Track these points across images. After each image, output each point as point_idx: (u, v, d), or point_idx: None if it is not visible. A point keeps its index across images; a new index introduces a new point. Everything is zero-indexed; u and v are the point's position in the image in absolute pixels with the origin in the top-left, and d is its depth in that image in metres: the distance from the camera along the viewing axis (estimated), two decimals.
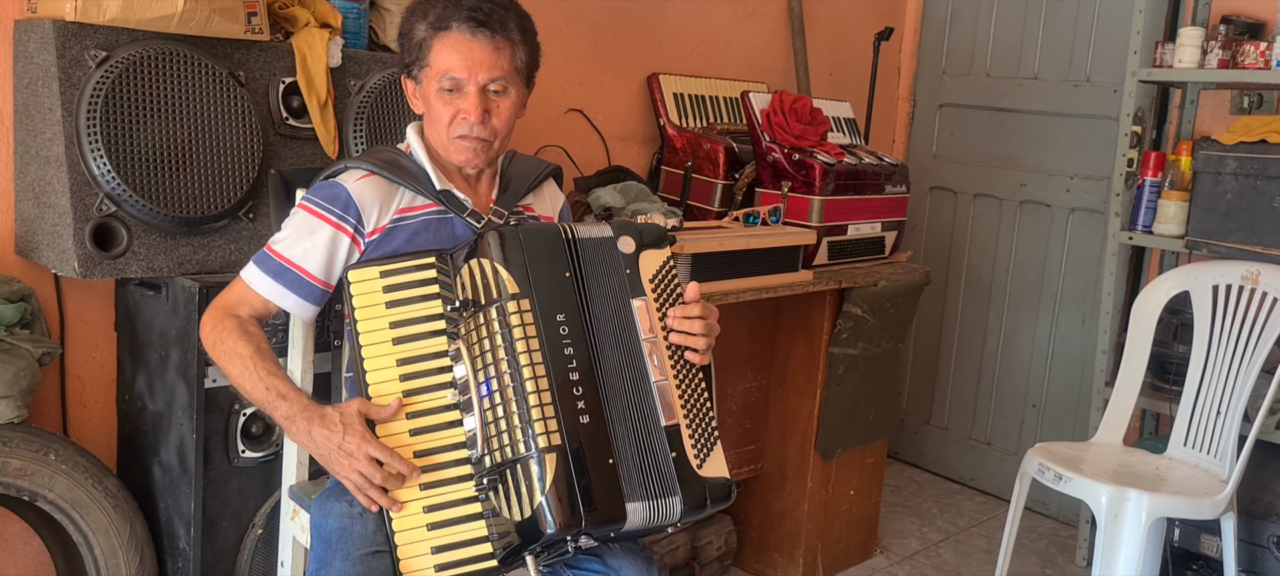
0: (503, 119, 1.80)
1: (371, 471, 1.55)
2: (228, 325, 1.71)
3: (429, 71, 1.78)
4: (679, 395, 1.69)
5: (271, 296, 1.77)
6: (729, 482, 1.68)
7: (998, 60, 4.10)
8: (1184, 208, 3.17)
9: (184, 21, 2.11)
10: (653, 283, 1.74)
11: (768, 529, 3.26)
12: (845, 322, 3.06)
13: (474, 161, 1.82)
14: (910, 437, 4.42)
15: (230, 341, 1.70)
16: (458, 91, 1.77)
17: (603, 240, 1.73)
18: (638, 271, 1.73)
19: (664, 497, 1.62)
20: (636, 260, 1.74)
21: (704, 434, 1.69)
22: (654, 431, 1.65)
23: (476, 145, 1.80)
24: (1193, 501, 2.65)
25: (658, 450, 1.64)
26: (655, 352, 1.69)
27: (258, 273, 1.77)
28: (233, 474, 2.24)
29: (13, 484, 2.08)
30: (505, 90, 1.79)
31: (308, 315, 1.81)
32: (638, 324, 1.70)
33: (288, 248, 1.77)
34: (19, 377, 2.08)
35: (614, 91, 3.37)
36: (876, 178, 3.26)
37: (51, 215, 2.12)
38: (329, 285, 1.79)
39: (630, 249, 1.74)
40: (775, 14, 3.82)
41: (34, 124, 2.15)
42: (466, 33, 1.74)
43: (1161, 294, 3.05)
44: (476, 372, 1.60)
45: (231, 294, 1.79)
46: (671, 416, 1.67)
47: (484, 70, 1.76)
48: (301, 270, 1.76)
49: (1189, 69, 3.15)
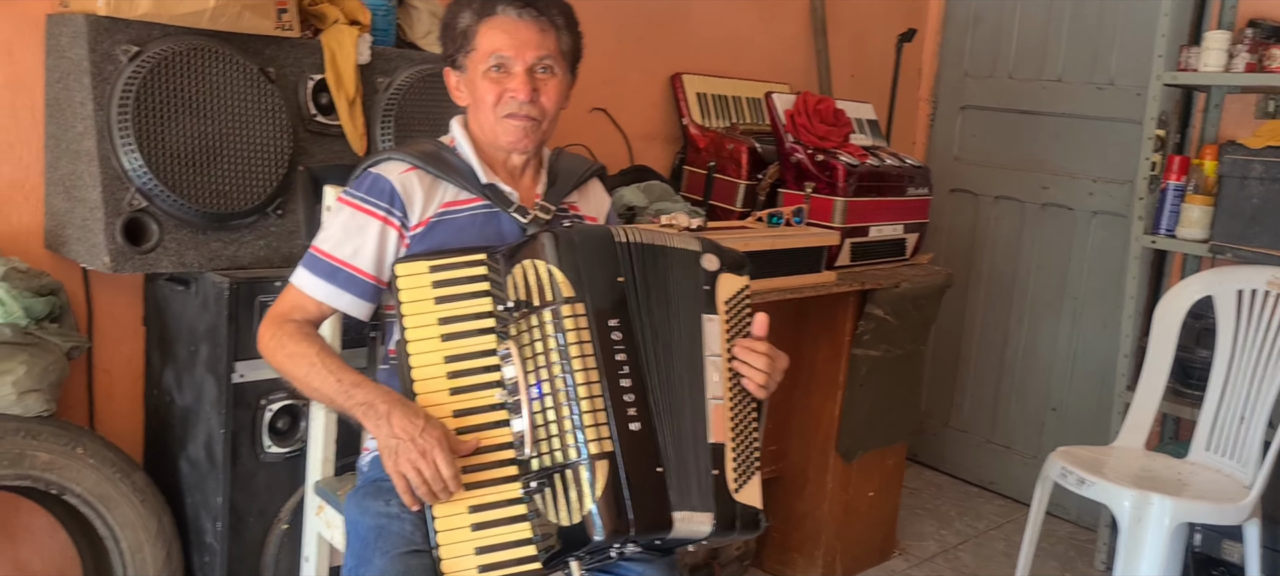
0: (551, 99, 1.79)
1: (430, 475, 1.52)
2: (287, 330, 1.69)
3: (475, 55, 1.77)
4: (731, 417, 1.69)
5: (326, 299, 1.74)
6: (759, 514, 1.68)
7: (1020, 62, 4.09)
8: (1208, 211, 3.16)
9: (215, 17, 2.12)
10: (727, 305, 1.74)
11: (788, 529, 3.26)
12: (867, 324, 3.05)
13: (522, 143, 1.80)
14: (929, 440, 4.41)
15: (292, 344, 1.67)
16: (505, 71, 1.76)
17: (687, 252, 1.74)
18: (715, 290, 1.74)
19: (704, 509, 1.62)
20: (715, 279, 1.74)
21: (746, 460, 1.69)
22: (700, 444, 1.65)
23: (526, 124, 1.78)
24: (1217, 506, 2.64)
25: (701, 463, 1.64)
26: (716, 371, 1.69)
27: (309, 276, 1.74)
28: (259, 469, 2.25)
29: (40, 477, 2.09)
30: (552, 70, 1.79)
31: (364, 314, 1.78)
32: (706, 339, 1.70)
33: (337, 246, 1.74)
34: (47, 371, 2.09)
35: (637, 91, 3.37)
36: (899, 179, 3.26)
37: (82, 210, 2.13)
38: (381, 281, 1.76)
39: (713, 267, 1.75)
40: (798, 14, 3.81)
41: (65, 118, 2.16)
42: (513, 14, 1.75)
43: (1185, 298, 3.04)
44: (527, 375, 1.58)
45: (284, 302, 1.75)
46: (719, 435, 1.67)
47: (531, 49, 1.75)
48: (354, 268, 1.73)
49: (1215, 72, 3.14)
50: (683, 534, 1.61)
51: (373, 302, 1.78)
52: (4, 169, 2.25)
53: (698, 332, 1.70)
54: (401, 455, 1.53)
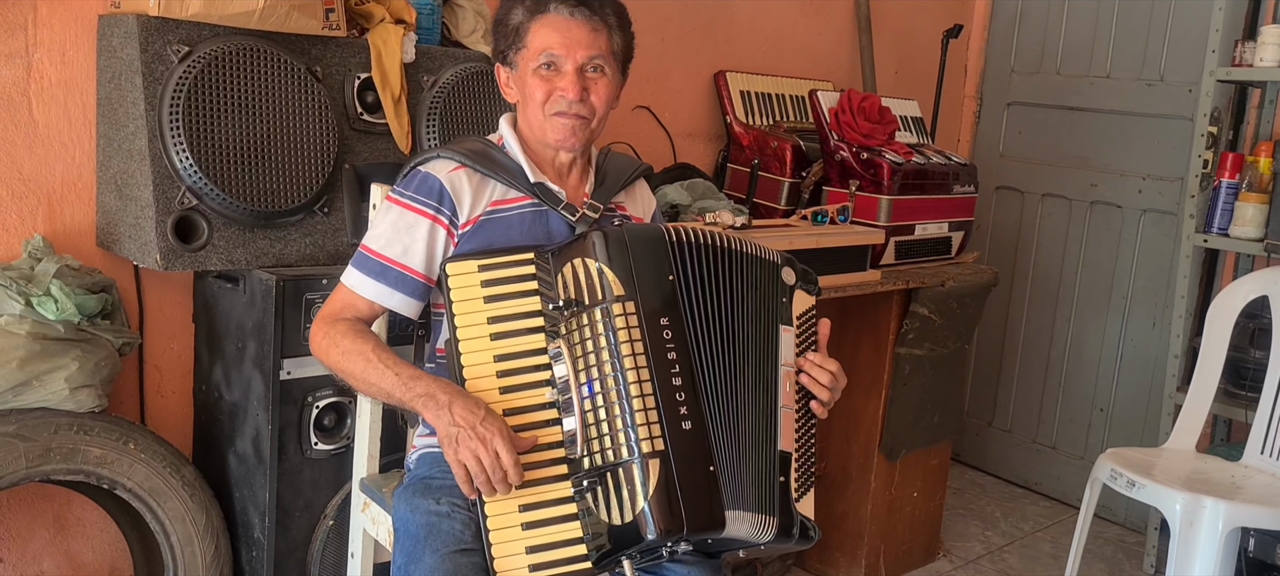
0: (601, 98, 1.79)
1: (490, 464, 1.52)
2: (340, 328, 1.70)
3: (526, 52, 1.77)
4: (796, 427, 1.72)
5: (377, 298, 1.74)
6: (813, 526, 1.70)
7: (1068, 58, 4.03)
8: (1263, 210, 3.10)
9: (264, 17, 2.14)
10: (799, 320, 1.77)
11: (830, 529, 3.24)
12: (912, 323, 3.03)
13: (570, 141, 1.80)
14: (972, 439, 4.36)
15: (346, 342, 1.68)
16: (555, 69, 1.76)
17: (769, 262, 1.77)
18: (790, 304, 1.77)
19: (763, 513, 1.63)
20: (792, 293, 1.77)
21: (806, 472, 1.72)
22: (770, 451, 1.66)
23: (574, 123, 1.78)
24: (1271, 511, 2.58)
25: (768, 469, 1.65)
26: (788, 381, 1.72)
27: (360, 276, 1.75)
28: (306, 465, 2.27)
29: (93, 471, 2.12)
30: (603, 70, 1.79)
31: (414, 312, 1.79)
32: (781, 349, 1.72)
33: (387, 245, 1.75)
34: (100, 367, 2.12)
35: (681, 89, 3.37)
36: (944, 177, 3.23)
37: (134, 208, 2.16)
38: (431, 279, 1.76)
39: (791, 280, 1.78)
40: (842, 11, 3.79)
41: (117, 117, 2.19)
42: (565, 12, 1.75)
43: (1239, 297, 2.98)
44: (578, 373, 1.58)
45: (335, 302, 1.77)
46: (787, 443, 1.69)
47: (582, 49, 1.75)
48: (405, 267, 1.74)
49: (1271, 68, 3.08)
50: (740, 536, 1.61)
51: (422, 301, 1.78)
52: (57, 168, 2.29)
53: (775, 341, 1.72)
54: (462, 443, 1.53)
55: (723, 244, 1.72)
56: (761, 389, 1.69)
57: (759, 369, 1.69)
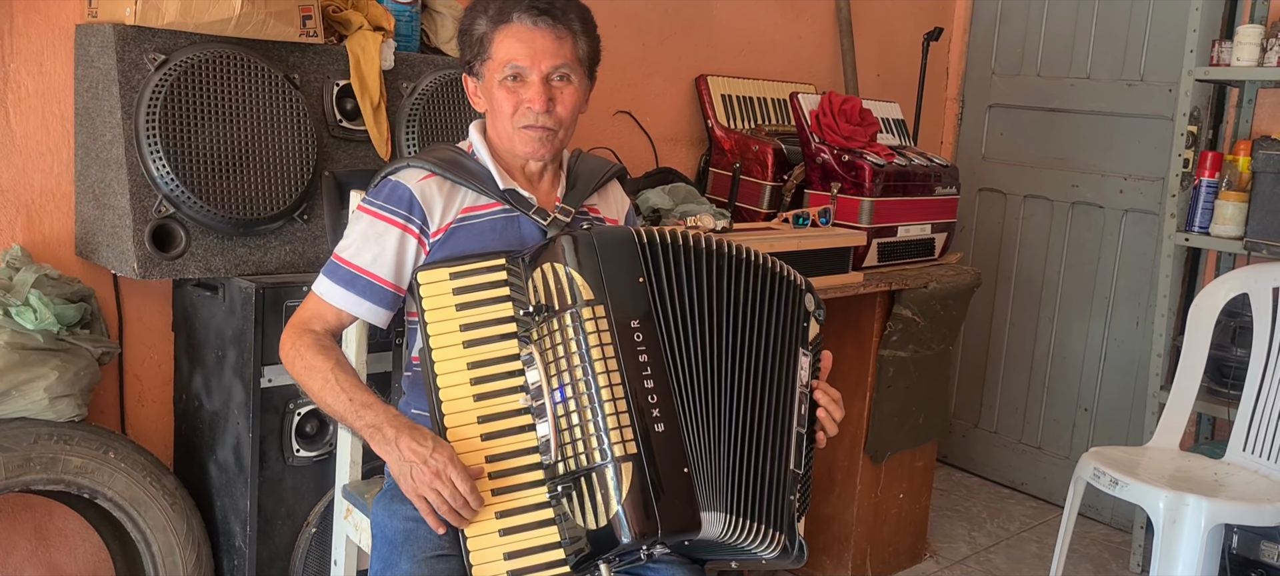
0: (567, 107, 1.79)
1: (449, 494, 1.53)
2: (305, 341, 1.70)
3: (491, 63, 1.77)
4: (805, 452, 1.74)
5: (346, 306, 1.75)
6: (803, 545, 1.72)
7: (1048, 60, 4.05)
8: (1242, 208, 3.12)
9: (241, 25, 2.13)
10: (811, 345, 1.79)
11: (816, 531, 3.24)
12: (895, 325, 3.03)
13: (539, 152, 1.81)
14: (959, 440, 4.37)
15: (308, 357, 1.68)
16: (521, 80, 1.76)
17: (794, 283, 1.78)
18: (808, 329, 1.79)
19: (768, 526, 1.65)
20: (809, 319, 1.79)
21: (805, 496, 1.74)
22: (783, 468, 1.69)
23: (542, 134, 1.78)
24: (1254, 507, 2.59)
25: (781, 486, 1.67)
26: (803, 403, 1.74)
27: (329, 284, 1.76)
28: (287, 472, 2.26)
29: (73, 481, 2.11)
30: (569, 78, 1.78)
31: (383, 321, 1.79)
32: (800, 371, 1.75)
33: (356, 254, 1.75)
34: (79, 376, 2.11)
35: (662, 93, 3.37)
36: (926, 179, 3.24)
37: (111, 216, 2.15)
38: (401, 288, 1.77)
39: (812, 306, 1.81)
40: (823, 14, 3.80)
41: (94, 126, 2.18)
42: (528, 22, 1.74)
43: (1220, 296, 3.00)
44: (550, 378, 1.58)
45: (305, 310, 1.77)
46: (797, 465, 1.71)
47: (547, 58, 1.75)
48: (373, 276, 1.74)
49: (1248, 67, 3.10)
50: (726, 536, 1.61)
51: (392, 310, 1.79)
52: (35, 177, 2.28)
53: (793, 363, 1.74)
54: (417, 478, 1.54)
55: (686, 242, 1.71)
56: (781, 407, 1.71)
57: (779, 388, 1.71)
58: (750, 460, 1.65)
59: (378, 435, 1.59)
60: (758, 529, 1.63)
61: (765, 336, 1.72)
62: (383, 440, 1.58)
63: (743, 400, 1.67)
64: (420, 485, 1.54)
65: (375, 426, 1.60)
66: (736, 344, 1.68)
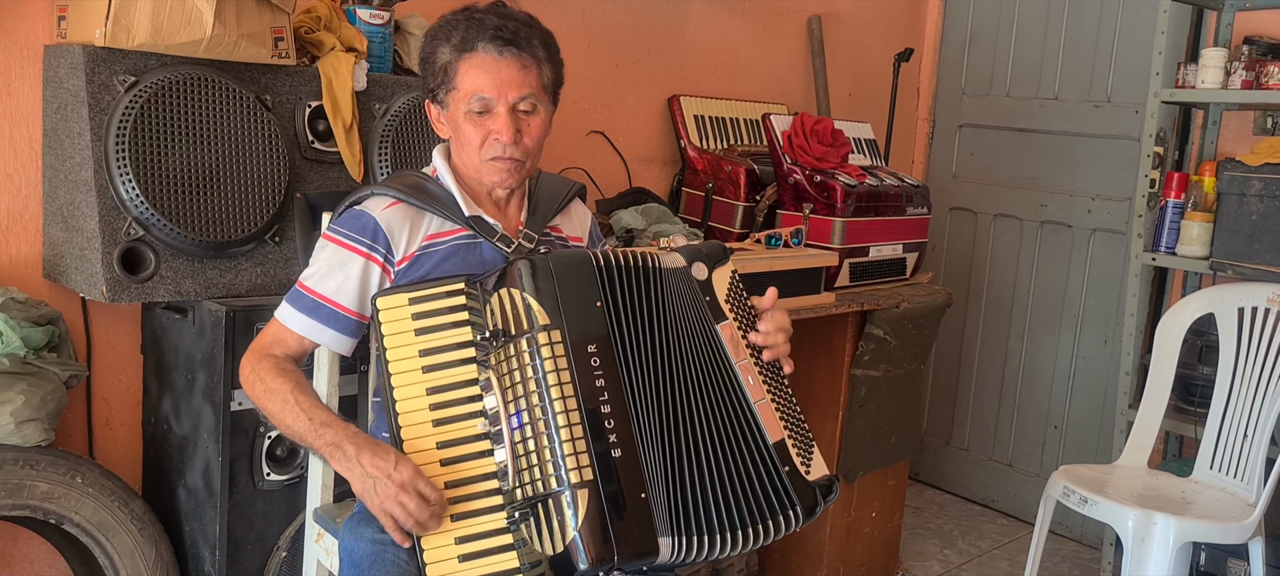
0: (534, 137, 1.79)
1: (415, 507, 1.53)
2: (265, 365, 1.70)
3: (456, 94, 1.76)
4: (777, 410, 1.71)
5: (308, 333, 1.75)
6: (832, 478, 1.72)
7: (1017, 80, 4.09)
8: (1208, 229, 3.15)
9: (212, 46, 2.12)
10: (729, 303, 1.75)
11: (789, 551, 3.25)
12: (867, 344, 3.05)
13: (507, 182, 1.81)
14: (931, 458, 4.40)
15: (268, 380, 1.68)
16: (488, 112, 1.75)
17: (677, 271, 1.74)
18: (715, 295, 1.75)
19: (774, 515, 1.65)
20: (711, 284, 1.75)
21: (804, 439, 1.73)
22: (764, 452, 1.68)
23: (510, 165, 1.78)
24: (1220, 525, 2.62)
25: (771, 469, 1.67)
26: (749, 373, 1.71)
27: (292, 311, 1.76)
28: (257, 497, 2.24)
29: (40, 506, 2.09)
30: (535, 109, 1.78)
31: (346, 349, 1.79)
32: (727, 350, 1.72)
33: (320, 282, 1.75)
34: (46, 400, 2.09)
35: (635, 113, 3.38)
36: (898, 199, 3.26)
37: (80, 239, 2.13)
38: (364, 317, 1.77)
39: (704, 275, 1.75)
40: (795, 36, 3.82)
41: (63, 148, 2.16)
42: (493, 52, 1.73)
43: (1186, 315, 3.04)
44: (507, 404, 1.58)
45: (267, 335, 1.77)
46: (776, 433, 1.69)
47: (513, 89, 1.74)
48: (336, 304, 1.75)
49: (1212, 89, 3.14)
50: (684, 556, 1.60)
51: (355, 338, 1.79)
52: (2, 199, 2.26)
53: (718, 346, 1.71)
54: (380, 493, 1.54)
55: (645, 264, 1.71)
56: (729, 398, 1.69)
57: (717, 380, 1.69)
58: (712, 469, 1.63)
59: (338, 453, 1.59)
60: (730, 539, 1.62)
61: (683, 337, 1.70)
62: (343, 457, 1.58)
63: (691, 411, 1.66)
64: (385, 500, 1.54)
65: (335, 444, 1.59)
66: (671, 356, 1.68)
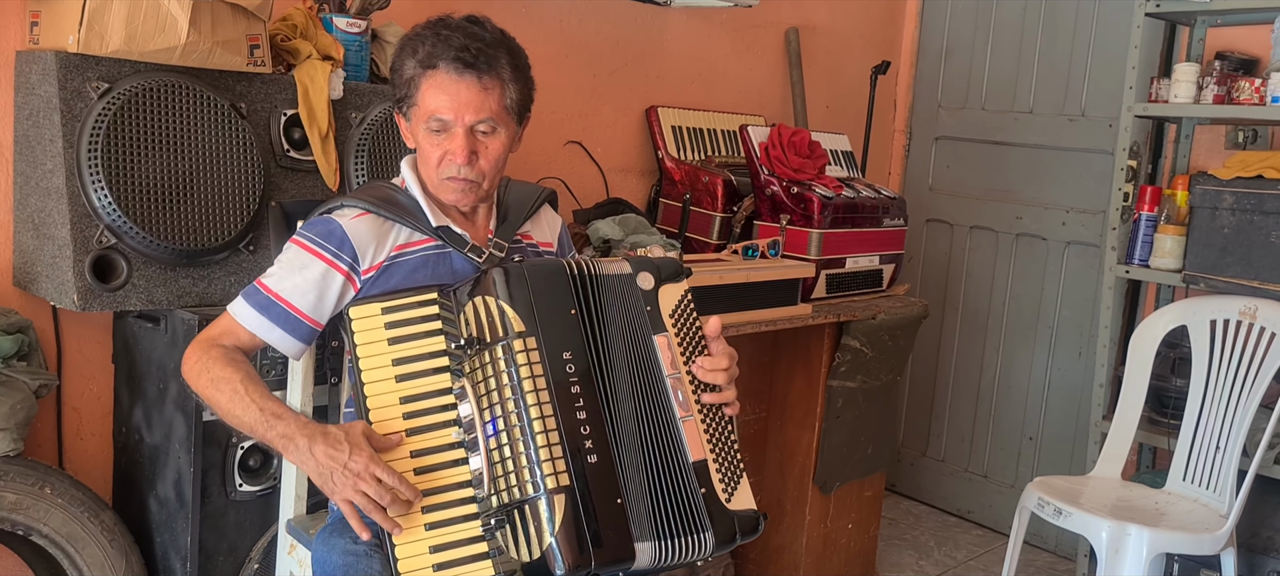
0: (490, 160, 1.79)
1: (376, 492, 1.51)
2: (213, 354, 1.68)
3: (417, 110, 1.77)
4: (705, 431, 1.70)
5: (257, 330, 1.74)
6: (757, 515, 1.70)
7: (993, 94, 4.12)
8: (1181, 242, 3.18)
9: (186, 54, 2.11)
10: (673, 317, 1.74)
11: (765, 562, 3.25)
12: (844, 356, 3.05)
13: (462, 202, 1.82)
14: (907, 469, 4.41)
15: (216, 369, 1.66)
16: (445, 132, 1.75)
17: (622, 277, 1.73)
18: (658, 307, 1.74)
19: (689, 534, 1.62)
20: (656, 296, 1.74)
21: (731, 468, 1.70)
22: (681, 468, 1.65)
23: (464, 186, 1.79)
24: (1193, 537, 2.64)
25: (685, 487, 1.64)
26: (680, 388, 1.70)
27: (244, 306, 1.75)
28: (230, 507, 2.22)
29: (7, 518, 2.06)
30: (493, 131, 1.77)
31: (294, 352, 1.77)
32: (660, 360, 1.70)
33: (277, 282, 1.75)
34: (15, 410, 2.06)
35: (612, 124, 3.38)
36: (874, 210, 3.27)
37: (51, 247, 2.11)
38: (318, 323, 1.76)
39: (649, 285, 1.74)
40: (773, 48, 3.83)
41: (34, 155, 2.14)
42: (454, 73, 1.72)
43: (1159, 328, 3.06)
44: (482, 412, 1.59)
45: (217, 327, 1.76)
46: (699, 452, 1.68)
47: (470, 111, 1.74)
48: (289, 305, 1.74)
49: (1185, 104, 3.17)
50: (662, 561, 1.60)
51: (305, 343, 1.77)
52: None
53: (653, 355, 1.71)
54: (336, 484, 1.53)
55: (597, 270, 1.71)
56: (663, 406, 1.68)
57: (653, 387, 1.69)
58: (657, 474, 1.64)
59: (290, 445, 1.57)
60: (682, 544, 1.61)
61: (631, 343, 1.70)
62: (296, 450, 1.56)
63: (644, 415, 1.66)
64: (344, 489, 1.53)
65: (287, 437, 1.58)
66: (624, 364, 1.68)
